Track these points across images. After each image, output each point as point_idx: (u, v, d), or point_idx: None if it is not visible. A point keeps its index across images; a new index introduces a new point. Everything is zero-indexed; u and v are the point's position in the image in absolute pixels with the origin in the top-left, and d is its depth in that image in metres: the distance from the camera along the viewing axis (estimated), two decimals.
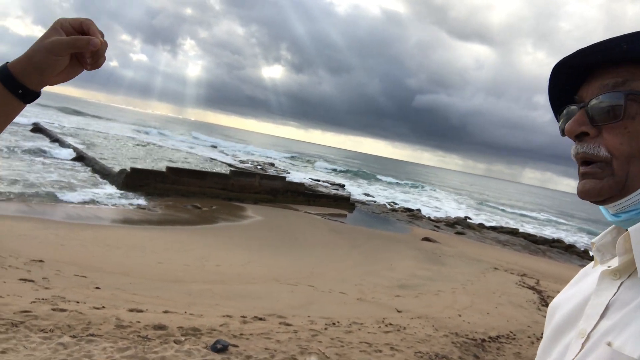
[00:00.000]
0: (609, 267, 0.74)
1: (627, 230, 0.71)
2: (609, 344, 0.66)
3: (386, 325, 7.02)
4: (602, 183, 0.73)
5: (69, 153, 23.86)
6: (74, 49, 0.79)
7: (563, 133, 0.82)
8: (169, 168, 19.78)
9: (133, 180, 18.08)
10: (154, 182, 18.62)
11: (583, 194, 0.75)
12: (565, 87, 0.82)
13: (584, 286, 0.82)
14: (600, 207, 0.79)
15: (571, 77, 0.80)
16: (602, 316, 0.71)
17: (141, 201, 16.53)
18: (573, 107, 0.80)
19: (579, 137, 0.76)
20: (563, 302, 0.85)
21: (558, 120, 0.85)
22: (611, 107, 0.72)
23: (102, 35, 0.83)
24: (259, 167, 40.72)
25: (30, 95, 0.80)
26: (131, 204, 15.84)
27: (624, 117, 0.71)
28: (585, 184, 0.75)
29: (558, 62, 0.80)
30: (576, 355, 0.72)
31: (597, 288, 0.75)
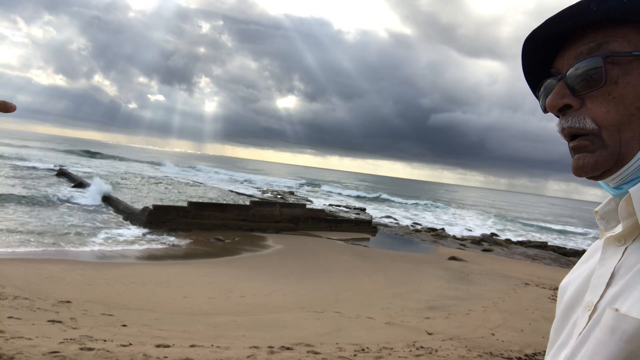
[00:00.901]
0: (614, 233, 0.70)
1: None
2: (616, 310, 0.62)
3: (417, 349, 6.83)
4: (596, 156, 0.68)
5: (92, 195, 24.32)
6: None
7: (545, 109, 0.78)
8: (190, 203, 19.98)
9: (156, 217, 18.29)
10: (177, 217, 18.80)
11: (578, 170, 0.71)
12: (540, 61, 0.77)
13: (592, 261, 0.77)
14: (600, 182, 0.74)
15: (545, 50, 0.76)
16: (608, 285, 0.67)
17: (165, 237, 16.67)
18: (550, 80, 0.75)
19: (562, 110, 0.72)
20: (573, 280, 0.80)
21: (537, 97, 0.80)
22: (590, 73, 0.67)
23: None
24: (278, 196, 40.87)
25: None
26: (155, 241, 15.98)
27: (606, 82, 0.66)
28: (578, 159, 0.70)
29: (528, 35, 0.75)
30: (584, 328, 0.68)
31: (602, 257, 0.71)
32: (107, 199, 23.41)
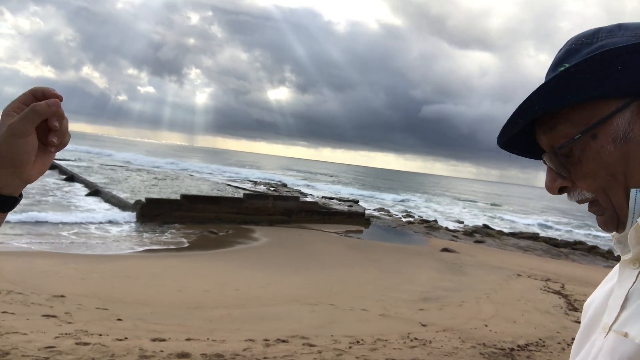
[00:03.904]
0: (629, 257, 0.73)
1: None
2: (625, 335, 0.64)
3: (411, 340, 6.90)
4: (604, 218, 0.74)
5: (84, 190, 24.17)
6: (36, 117, 0.66)
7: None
8: (183, 196, 19.92)
9: (149, 210, 18.23)
10: (170, 210, 18.74)
11: (602, 228, 0.77)
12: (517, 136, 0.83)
13: (613, 281, 0.80)
14: None
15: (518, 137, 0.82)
16: (623, 307, 0.69)
17: (158, 230, 16.63)
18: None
19: (561, 191, 0.78)
20: (596, 299, 0.83)
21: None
22: (557, 166, 0.75)
23: (60, 99, 0.69)
24: (271, 188, 40.84)
25: (8, 203, 0.68)
26: (148, 234, 15.94)
27: (569, 170, 0.74)
28: (598, 220, 0.77)
29: (498, 141, 0.82)
30: (600, 351, 0.70)
31: (619, 279, 0.74)
32: (99, 192, 23.28)
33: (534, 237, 27.84)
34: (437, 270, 14.09)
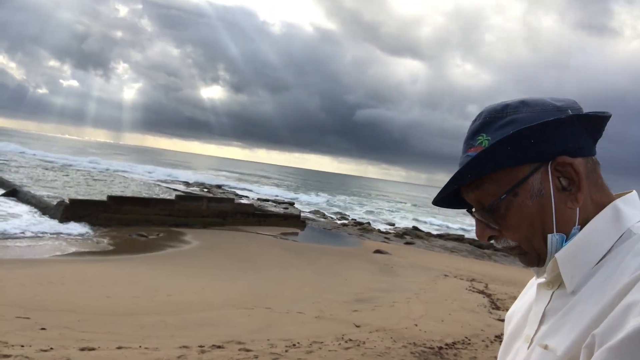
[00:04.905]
0: (544, 279, 0.90)
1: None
2: (545, 347, 0.80)
3: (346, 342, 7.06)
4: (527, 258, 0.90)
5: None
6: None
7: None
8: (110, 197, 19.03)
9: (73, 211, 17.24)
10: (95, 212, 17.83)
11: (525, 265, 0.93)
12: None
13: (530, 294, 0.98)
14: None
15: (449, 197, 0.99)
16: (541, 322, 0.86)
17: (83, 233, 15.79)
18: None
19: (489, 239, 0.92)
20: (516, 311, 1.00)
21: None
22: (488, 220, 0.90)
23: None
24: (205, 190, 39.97)
25: None
26: (72, 237, 15.10)
27: (499, 224, 0.89)
28: (520, 259, 0.92)
29: (434, 201, 1.01)
30: (523, 358, 0.86)
31: (536, 298, 0.90)
32: (17, 192, 21.72)
33: (460, 238, 29.22)
34: (370, 271, 14.46)
